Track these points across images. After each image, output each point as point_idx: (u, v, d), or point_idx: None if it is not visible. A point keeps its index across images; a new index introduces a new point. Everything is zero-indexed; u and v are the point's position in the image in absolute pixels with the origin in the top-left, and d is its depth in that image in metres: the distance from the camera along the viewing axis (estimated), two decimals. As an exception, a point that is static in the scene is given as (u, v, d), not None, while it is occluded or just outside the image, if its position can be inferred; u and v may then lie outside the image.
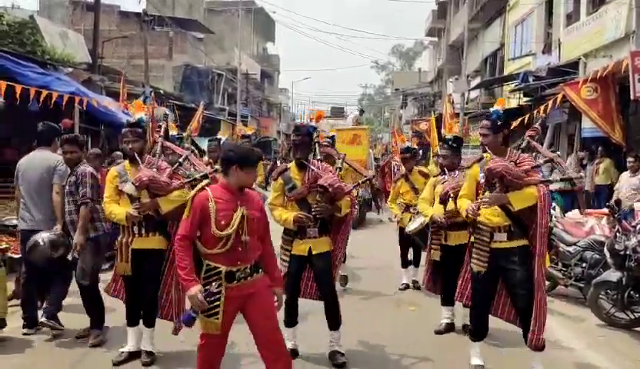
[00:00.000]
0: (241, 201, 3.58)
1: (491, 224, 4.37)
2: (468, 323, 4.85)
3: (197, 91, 25.83)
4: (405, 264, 7.63)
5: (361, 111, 19.46)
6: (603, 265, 6.44)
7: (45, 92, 9.30)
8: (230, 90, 31.59)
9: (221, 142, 7.67)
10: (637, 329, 5.95)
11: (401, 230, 7.40)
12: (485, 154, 4.61)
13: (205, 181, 4.03)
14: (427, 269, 5.98)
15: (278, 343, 3.67)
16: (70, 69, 12.34)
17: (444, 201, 5.45)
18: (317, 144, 5.15)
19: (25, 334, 5.32)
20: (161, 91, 19.88)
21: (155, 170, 4.58)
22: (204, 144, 19.90)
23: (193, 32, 28.95)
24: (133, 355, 4.72)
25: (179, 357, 4.81)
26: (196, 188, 3.70)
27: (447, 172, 5.67)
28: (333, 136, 7.87)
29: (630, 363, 5.13)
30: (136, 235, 4.60)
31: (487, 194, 4.34)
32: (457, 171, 5.57)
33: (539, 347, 4.25)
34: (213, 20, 32.97)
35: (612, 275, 6.00)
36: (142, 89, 16.55)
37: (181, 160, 4.79)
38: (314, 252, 4.67)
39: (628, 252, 5.80)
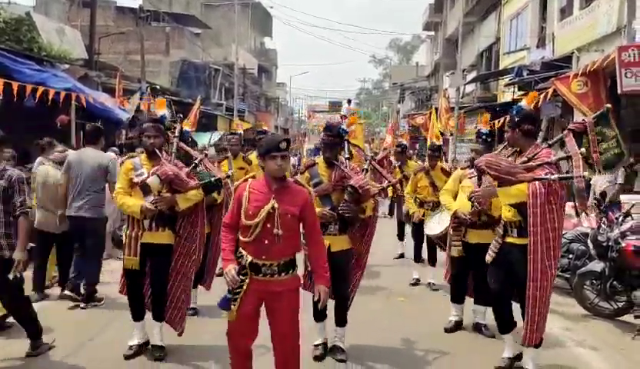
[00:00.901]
0: (277, 195, 3.56)
1: (505, 219, 4.49)
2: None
3: (194, 87, 25.85)
4: (418, 258, 7.57)
5: (349, 101, 19.38)
6: (589, 256, 6.57)
7: (41, 89, 9.40)
8: (227, 85, 31.61)
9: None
10: (620, 318, 6.10)
11: (415, 225, 7.38)
12: (499, 149, 4.79)
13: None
14: (447, 266, 5.90)
15: (293, 350, 3.68)
16: (66, 66, 12.42)
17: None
18: (347, 142, 5.17)
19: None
20: (158, 87, 19.92)
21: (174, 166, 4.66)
22: (201, 139, 20.02)
23: (190, 27, 28.95)
24: (141, 347, 4.77)
25: (189, 351, 4.85)
26: (241, 180, 3.83)
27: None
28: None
29: (612, 351, 5.27)
30: (146, 229, 4.61)
31: (480, 189, 4.48)
32: None
33: (536, 343, 4.40)
34: (210, 15, 32.93)
35: (596, 266, 6.15)
36: (139, 85, 16.63)
37: (196, 161, 4.90)
38: (332, 249, 4.63)
39: (610, 243, 5.95)
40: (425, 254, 7.54)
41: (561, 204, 4.28)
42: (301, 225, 3.69)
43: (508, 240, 4.48)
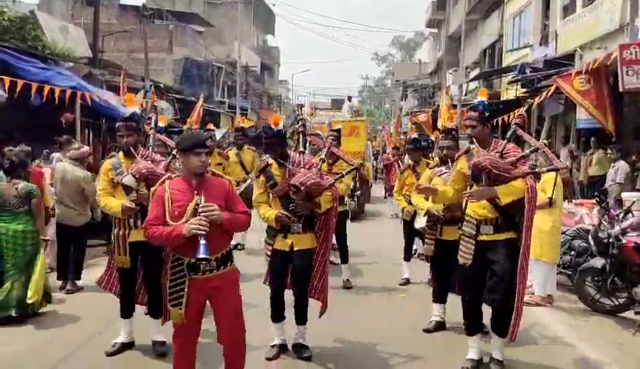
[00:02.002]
0: (199, 190, 3.57)
1: (477, 217, 4.40)
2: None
3: (197, 85, 25.92)
4: (408, 257, 7.52)
5: (349, 98, 19.36)
6: (590, 253, 6.60)
7: (47, 87, 9.46)
8: (230, 83, 31.65)
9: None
10: (621, 315, 6.13)
11: (405, 222, 7.33)
12: (471, 146, 4.56)
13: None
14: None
15: (240, 342, 3.79)
16: (71, 64, 12.47)
17: None
18: (301, 135, 5.11)
19: None
20: (161, 85, 19.98)
21: (149, 162, 4.68)
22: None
23: (193, 25, 29.00)
24: (126, 346, 4.81)
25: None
26: (157, 183, 3.74)
27: (449, 163, 5.45)
28: (339, 129, 7.67)
29: (613, 347, 5.31)
30: (132, 228, 4.65)
31: (474, 188, 4.38)
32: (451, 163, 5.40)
33: (514, 337, 4.42)
34: (213, 13, 32.98)
35: (597, 262, 6.18)
36: (142, 83, 16.69)
37: (174, 152, 4.87)
38: (295, 248, 4.67)
39: (611, 240, 5.99)
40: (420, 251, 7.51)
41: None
42: None
43: (482, 238, 4.40)
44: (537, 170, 4.70)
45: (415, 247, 7.71)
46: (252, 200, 4.88)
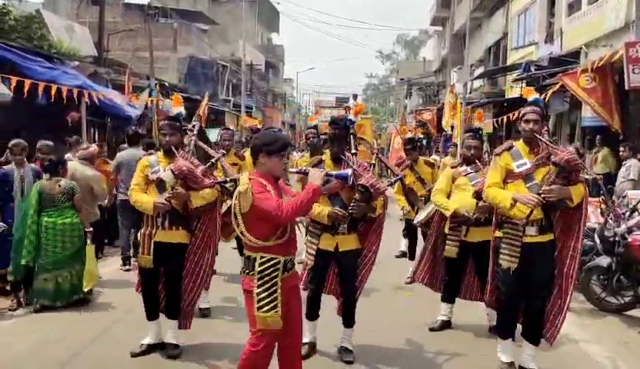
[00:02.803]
0: (277, 191, 3.55)
1: (524, 217, 4.19)
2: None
3: (201, 83, 25.95)
4: (413, 256, 7.47)
5: (355, 96, 19.33)
6: (595, 252, 6.59)
7: (54, 87, 9.52)
8: (234, 81, 31.69)
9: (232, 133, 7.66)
10: (627, 313, 6.13)
11: (408, 222, 7.30)
12: (515, 143, 4.52)
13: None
14: (426, 263, 5.73)
15: (299, 344, 3.82)
16: (76, 63, 12.53)
17: (480, 196, 4.86)
18: (353, 137, 4.99)
19: None
20: (166, 84, 20.03)
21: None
22: (209, 135, 20.10)
23: (197, 24, 29.04)
24: (152, 347, 4.78)
25: (203, 350, 4.87)
26: (240, 182, 3.48)
27: (477, 163, 5.35)
28: (316, 125, 7.80)
29: (619, 345, 5.32)
30: (159, 228, 4.59)
31: (553, 186, 4.12)
32: (478, 163, 5.34)
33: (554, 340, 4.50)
34: (217, 11, 32.99)
35: (603, 261, 6.17)
36: (147, 82, 16.74)
37: (213, 160, 4.95)
38: (340, 249, 4.59)
39: (617, 238, 5.99)
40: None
41: None
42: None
43: (527, 240, 4.29)
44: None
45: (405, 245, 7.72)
46: None
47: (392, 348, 5.09)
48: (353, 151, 4.87)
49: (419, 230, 7.36)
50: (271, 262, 3.46)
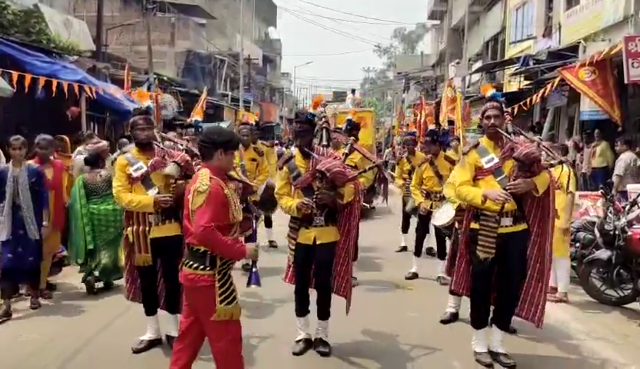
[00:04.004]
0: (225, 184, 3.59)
1: (498, 209, 4.34)
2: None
3: (199, 77, 25.91)
4: (419, 252, 7.47)
5: (353, 90, 19.32)
6: (595, 245, 6.63)
7: (55, 81, 9.51)
8: (232, 75, 31.63)
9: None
10: (626, 306, 6.18)
11: (420, 217, 7.24)
12: (480, 139, 4.63)
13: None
14: (451, 258, 5.63)
15: None
16: (75, 57, 12.50)
17: None
18: (325, 130, 5.02)
19: None
20: (165, 78, 19.99)
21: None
22: (208, 130, 20.08)
23: (195, 18, 28.94)
24: (152, 343, 4.79)
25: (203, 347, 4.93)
26: (201, 178, 3.46)
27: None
28: (349, 119, 7.59)
29: (618, 338, 5.37)
30: (153, 224, 4.58)
31: (517, 181, 4.29)
32: None
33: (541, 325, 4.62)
34: (214, 5, 32.85)
35: (602, 254, 6.21)
36: (146, 76, 16.71)
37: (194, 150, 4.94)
38: (318, 242, 4.63)
39: (617, 232, 6.03)
40: (428, 247, 7.55)
41: None
42: None
43: (502, 230, 4.42)
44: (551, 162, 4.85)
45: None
46: (274, 193, 4.88)
47: (394, 342, 5.12)
48: (324, 143, 4.91)
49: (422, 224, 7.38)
50: (228, 261, 3.53)
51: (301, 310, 4.80)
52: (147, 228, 4.58)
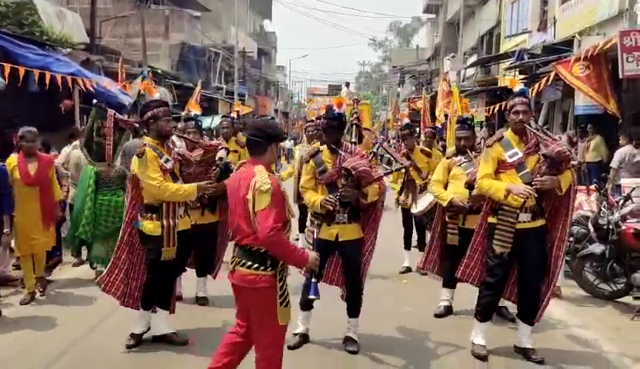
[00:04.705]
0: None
1: (518, 205, 4.36)
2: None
3: (194, 70, 25.80)
4: (408, 246, 7.50)
5: (347, 84, 19.34)
6: (589, 239, 6.66)
7: (48, 74, 9.44)
8: (227, 68, 31.51)
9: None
10: (619, 300, 6.22)
11: (404, 211, 7.30)
12: (505, 133, 4.63)
13: None
14: (434, 252, 5.80)
15: None
16: (69, 50, 12.41)
17: (472, 185, 5.09)
18: (355, 127, 4.99)
19: None
20: (159, 71, 19.88)
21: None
22: (204, 123, 19.98)
23: (189, 10, 28.77)
24: (141, 336, 4.74)
25: (201, 340, 4.83)
26: (260, 176, 3.29)
27: (468, 153, 5.49)
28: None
29: (611, 332, 5.41)
30: (180, 217, 4.64)
31: (545, 177, 4.30)
32: (472, 153, 5.44)
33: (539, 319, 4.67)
34: (209, -3, 32.71)
35: (596, 248, 6.24)
36: (140, 69, 16.61)
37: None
38: (341, 239, 4.59)
39: (610, 226, 6.06)
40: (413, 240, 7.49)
41: None
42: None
43: (520, 226, 4.43)
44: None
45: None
46: (299, 186, 4.90)
47: (389, 335, 5.14)
48: (353, 140, 4.88)
49: (413, 219, 7.41)
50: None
51: (307, 304, 4.70)
52: (176, 222, 4.59)
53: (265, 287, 3.31)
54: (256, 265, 3.31)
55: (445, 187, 5.57)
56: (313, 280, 3.61)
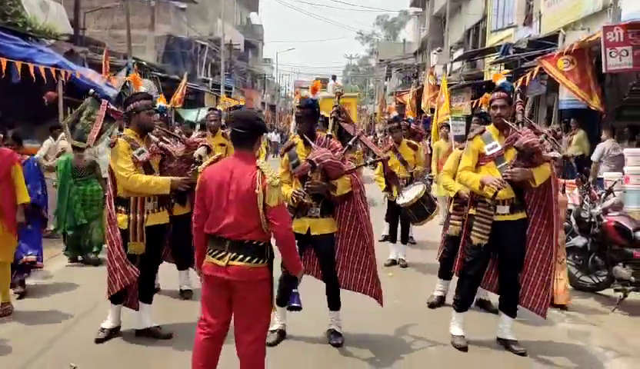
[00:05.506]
0: None
1: (498, 197, 4.41)
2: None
3: (180, 63, 25.59)
4: (394, 238, 7.51)
5: (334, 77, 19.37)
6: (571, 232, 6.74)
7: (31, 66, 9.32)
8: (213, 61, 31.30)
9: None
10: (601, 292, 6.30)
11: (390, 204, 7.33)
12: (487, 127, 4.71)
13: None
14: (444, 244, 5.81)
15: None
16: (52, 41, 12.25)
17: None
18: (333, 120, 4.94)
19: None
20: (144, 63, 19.70)
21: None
22: (188, 116, 19.83)
23: (175, 2, 28.48)
24: (113, 331, 4.73)
25: (185, 334, 4.69)
26: (267, 170, 3.33)
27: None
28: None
29: (593, 323, 5.50)
30: (149, 212, 4.56)
31: (515, 168, 4.36)
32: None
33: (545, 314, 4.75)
34: (195, -11, 32.41)
35: (578, 241, 6.32)
36: (125, 61, 16.45)
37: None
38: (312, 233, 4.57)
39: (592, 219, 6.13)
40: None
41: None
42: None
43: (499, 218, 4.51)
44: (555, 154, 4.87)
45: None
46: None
47: (375, 328, 5.16)
48: (329, 132, 4.81)
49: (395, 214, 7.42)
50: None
51: (283, 299, 4.66)
52: (145, 216, 4.53)
53: (262, 279, 3.38)
54: (256, 259, 3.35)
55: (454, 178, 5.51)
56: (294, 290, 3.64)
